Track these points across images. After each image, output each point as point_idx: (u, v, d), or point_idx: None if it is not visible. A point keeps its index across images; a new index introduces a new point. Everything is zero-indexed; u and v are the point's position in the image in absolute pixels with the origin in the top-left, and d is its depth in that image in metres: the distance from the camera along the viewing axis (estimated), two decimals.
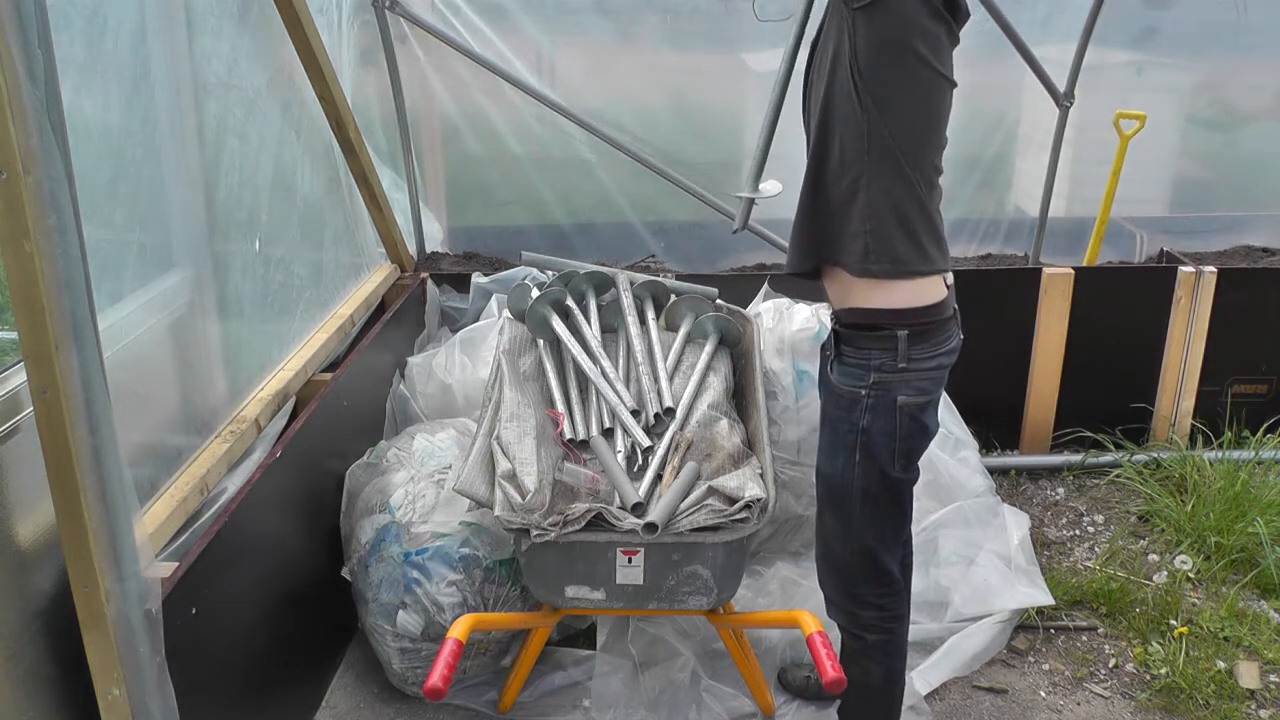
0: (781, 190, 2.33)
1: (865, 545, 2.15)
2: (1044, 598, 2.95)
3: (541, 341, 2.93)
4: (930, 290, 2.03)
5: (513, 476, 2.40)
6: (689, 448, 2.55)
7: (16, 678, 1.66)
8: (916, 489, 2.50)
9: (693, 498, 2.34)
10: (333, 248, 3.27)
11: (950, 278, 2.11)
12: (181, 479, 2.24)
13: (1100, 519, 3.53)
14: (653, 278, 3.14)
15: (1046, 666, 2.85)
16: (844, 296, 2.07)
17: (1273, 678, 2.79)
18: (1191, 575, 3.17)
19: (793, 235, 2.09)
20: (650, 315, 3.00)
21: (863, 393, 2.05)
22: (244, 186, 2.63)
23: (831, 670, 2.03)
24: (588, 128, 3.71)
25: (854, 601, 2.22)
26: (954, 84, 2.00)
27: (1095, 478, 3.74)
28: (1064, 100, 3.74)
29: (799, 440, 3.04)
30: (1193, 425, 3.82)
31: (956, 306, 2.14)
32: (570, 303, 2.95)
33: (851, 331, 2.07)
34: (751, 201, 2.33)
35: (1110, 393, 3.80)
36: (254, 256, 2.68)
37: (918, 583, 2.68)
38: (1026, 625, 2.96)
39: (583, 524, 2.27)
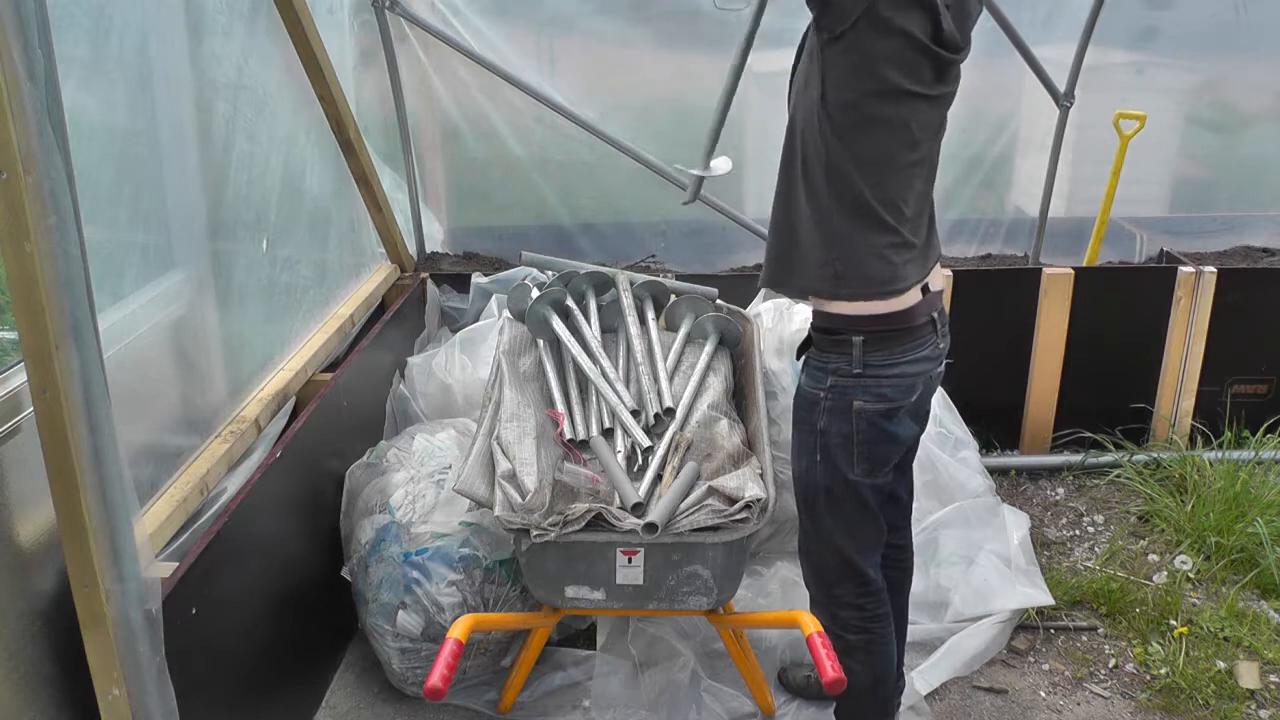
0: (731, 169, 2.55)
1: (837, 546, 2.18)
2: (1044, 598, 2.95)
3: (541, 341, 2.93)
4: (894, 299, 2.03)
5: (513, 476, 2.40)
6: (689, 448, 2.55)
7: (16, 678, 1.66)
8: (916, 489, 2.49)
9: (693, 498, 2.34)
10: (336, 248, 3.27)
11: (935, 284, 2.10)
12: (181, 479, 2.24)
13: (1100, 519, 3.52)
14: (653, 278, 3.14)
15: (1046, 666, 2.85)
16: (816, 301, 2.11)
17: (1273, 678, 2.79)
18: (1191, 575, 3.17)
19: (767, 254, 2.13)
20: (650, 315, 3.00)
21: (820, 395, 2.08)
22: (252, 186, 2.63)
23: (831, 670, 2.02)
24: (588, 128, 3.71)
25: (834, 601, 2.24)
26: (936, 97, 1.98)
27: (1095, 478, 3.73)
28: (1064, 100, 3.74)
29: None
30: (1193, 425, 3.81)
31: (938, 314, 2.12)
32: (570, 303, 2.95)
33: (818, 335, 2.12)
34: (702, 178, 2.56)
35: (1110, 393, 3.80)
36: (256, 256, 2.68)
37: (918, 583, 2.68)
38: (1026, 625, 2.96)
39: (583, 524, 2.27)
